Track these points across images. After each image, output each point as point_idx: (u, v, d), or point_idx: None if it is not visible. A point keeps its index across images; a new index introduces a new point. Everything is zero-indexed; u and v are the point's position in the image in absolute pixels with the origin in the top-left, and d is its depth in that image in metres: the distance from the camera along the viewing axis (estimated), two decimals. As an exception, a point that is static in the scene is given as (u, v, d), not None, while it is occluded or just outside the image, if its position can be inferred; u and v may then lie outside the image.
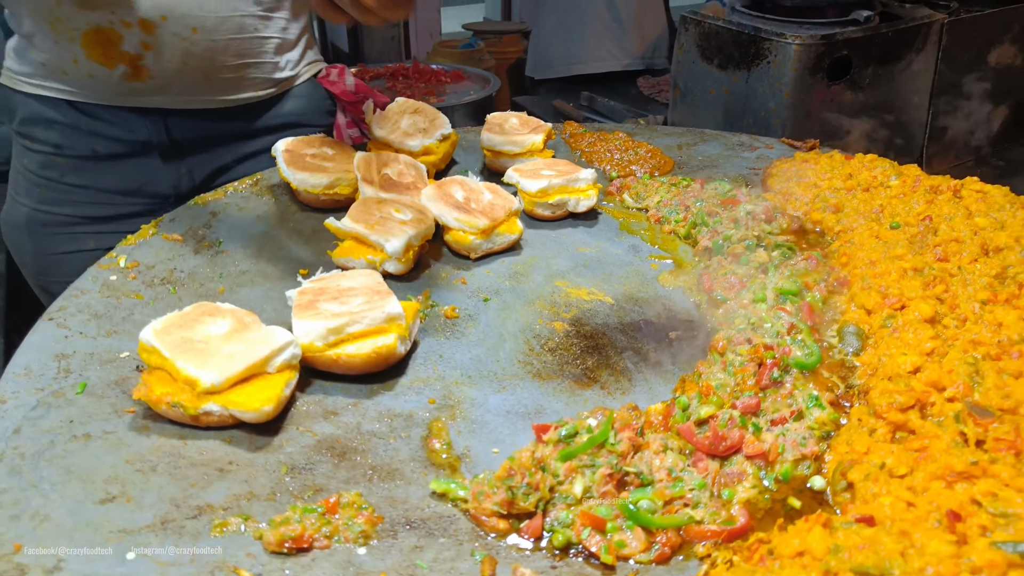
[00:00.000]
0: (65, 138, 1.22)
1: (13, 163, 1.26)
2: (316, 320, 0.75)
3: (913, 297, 0.85)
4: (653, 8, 2.66)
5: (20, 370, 0.72)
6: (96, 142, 1.20)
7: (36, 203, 1.24)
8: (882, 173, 1.11)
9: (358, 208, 0.96)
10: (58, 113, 1.18)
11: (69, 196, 1.22)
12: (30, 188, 1.25)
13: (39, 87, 1.19)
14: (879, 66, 1.63)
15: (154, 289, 0.87)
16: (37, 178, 1.25)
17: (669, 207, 1.11)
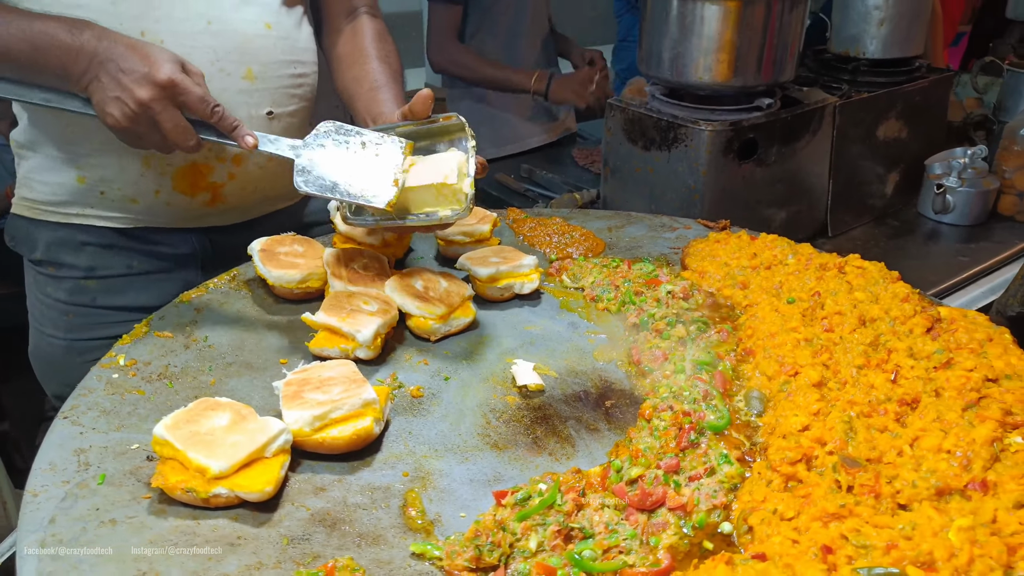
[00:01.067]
0: (97, 259, 1.28)
1: (32, 296, 1.33)
2: (303, 409, 0.88)
3: (804, 365, 1.03)
4: None
5: (46, 465, 0.82)
6: (133, 259, 1.29)
7: (66, 333, 1.30)
8: (781, 252, 1.30)
9: (330, 302, 1.10)
10: (91, 236, 1.27)
11: (102, 319, 1.30)
12: (57, 318, 1.30)
13: (77, 216, 1.26)
14: (782, 145, 1.85)
15: (152, 384, 0.99)
16: (66, 306, 1.30)
17: (602, 287, 1.27)
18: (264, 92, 1.28)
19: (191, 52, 1.16)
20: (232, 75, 1.23)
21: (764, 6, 1.71)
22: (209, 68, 1.18)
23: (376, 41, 1.43)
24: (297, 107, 1.35)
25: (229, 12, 1.23)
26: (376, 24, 1.48)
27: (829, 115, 1.94)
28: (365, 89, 1.35)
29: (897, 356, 1.02)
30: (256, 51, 1.25)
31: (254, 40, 1.25)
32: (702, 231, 1.48)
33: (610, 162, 1.98)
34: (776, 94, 1.90)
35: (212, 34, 1.21)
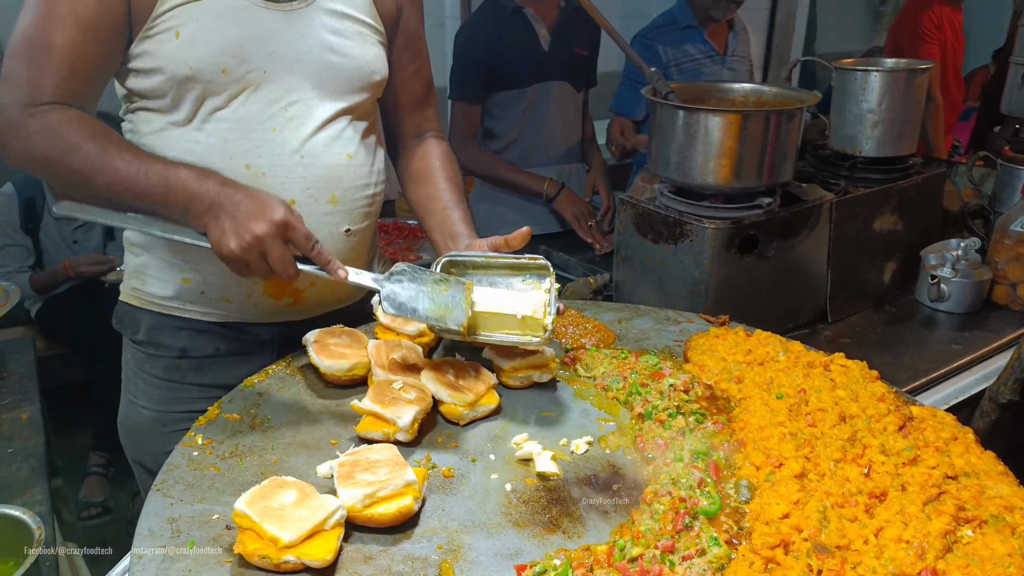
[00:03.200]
0: (191, 342, 1.50)
1: (128, 369, 1.54)
2: (355, 488, 1.04)
3: (788, 457, 1.17)
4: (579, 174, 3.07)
5: (146, 532, 0.99)
6: (220, 342, 1.51)
7: (158, 405, 1.51)
8: (773, 349, 1.46)
9: (374, 390, 1.27)
10: (188, 323, 1.49)
11: (189, 394, 1.53)
12: (151, 392, 1.52)
13: (178, 309, 1.49)
14: (782, 239, 2.02)
15: (226, 461, 1.15)
16: (160, 381, 1.51)
17: (611, 377, 1.43)
18: (343, 213, 1.49)
19: (286, 181, 1.41)
20: (318, 200, 1.45)
21: (763, 118, 1.90)
22: (300, 195, 1.42)
23: (443, 162, 1.67)
24: (369, 222, 1.58)
25: (319, 148, 1.44)
26: (442, 145, 1.71)
27: (826, 211, 2.12)
28: (439, 208, 1.60)
29: (871, 452, 1.16)
30: (339, 179, 1.47)
31: (337, 170, 1.47)
32: (703, 325, 1.64)
33: (622, 251, 2.16)
34: (776, 192, 2.08)
35: (304, 166, 1.43)
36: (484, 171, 2.82)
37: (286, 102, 1.42)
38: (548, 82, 2.80)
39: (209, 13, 1.33)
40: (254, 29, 1.36)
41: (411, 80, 1.66)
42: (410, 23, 1.60)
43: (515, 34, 2.72)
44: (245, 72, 1.37)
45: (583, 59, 2.88)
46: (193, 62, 1.33)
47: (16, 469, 1.82)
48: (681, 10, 3.13)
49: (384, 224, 2.88)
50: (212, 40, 1.33)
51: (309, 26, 1.42)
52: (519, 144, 2.83)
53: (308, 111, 1.44)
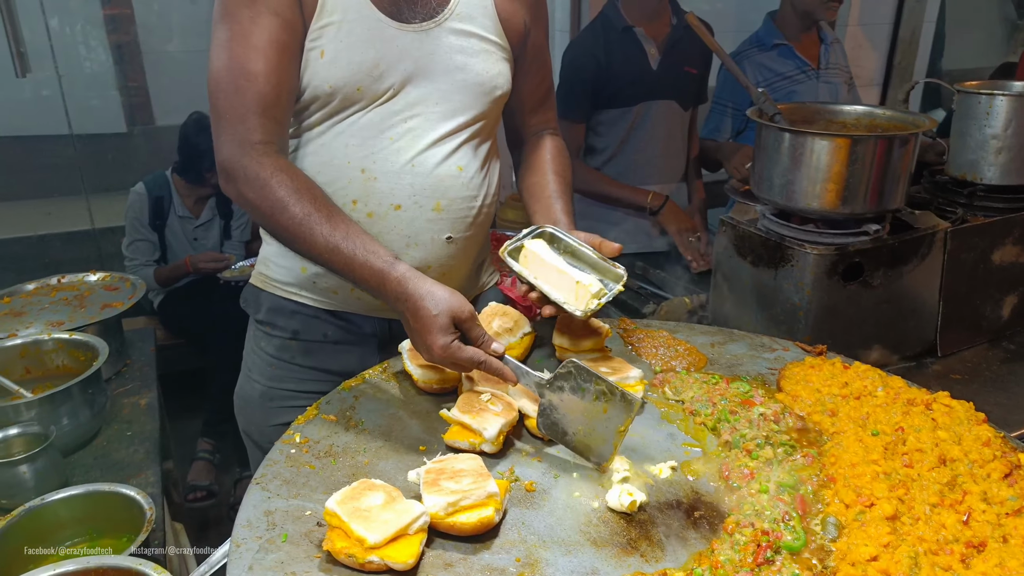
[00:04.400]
0: (303, 325, 1.63)
1: (249, 346, 1.71)
2: (439, 496, 1.08)
3: (880, 497, 1.13)
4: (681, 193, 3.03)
5: (244, 522, 1.06)
6: (329, 328, 1.63)
7: (267, 380, 1.65)
8: (871, 383, 1.41)
9: (463, 401, 1.31)
10: (301, 308, 1.63)
11: (295, 374, 1.66)
12: (263, 368, 1.67)
13: (295, 294, 1.63)
14: (889, 268, 1.94)
15: (320, 460, 1.22)
16: (271, 359, 1.66)
17: (700, 402, 1.42)
18: (447, 221, 1.56)
19: (395, 187, 1.51)
20: (423, 207, 1.53)
21: (872, 143, 1.83)
22: (406, 200, 1.52)
23: (554, 156, 1.75)
24: (473, 232, 1.64)
25: (431, 159, 1.53)
26: (556, 141, 1.80)
27: (940, 240, 2.02)
28: (544, 196, 1.65)
29: (971, 499, 1.11)
30: (445, 189, 1.54)
31: (445, 180, 1.54)
32: (799, 354, 1.60)
33: (720, 272, 2.13)
34: (886, 219, 2.00)
35: (414, 175, 1.52)
36: (585, 187, 2.84)
37: (408, 115, 1.51)
38: (655, 101, 2.78)
39: (351, 35, 1.43)
40: (389, 49, 1.46)
41: (535, 88, 1.76)
42: (537, 39, 1.70)
43: (624, 53, 2.73)
44: (378, 89, 1.47)
45: (692, 78, 2.85)
46: (334, 80, 1.44)
47: (133, 451, 1.96)
48: (767, 30, 3.06)
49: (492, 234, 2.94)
50: (351, 60, 1.43)
51: (437, 45, 1.50)
52: (620, 160, 2.83)
53: (427, 124, 1.53)
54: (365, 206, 1.52)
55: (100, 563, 1.35)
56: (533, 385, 1.28)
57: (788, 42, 3.06)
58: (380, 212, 1.52)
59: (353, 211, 1.52)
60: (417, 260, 1.56)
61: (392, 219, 1.53)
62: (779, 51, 3.05)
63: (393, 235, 1.54)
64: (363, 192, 1.51)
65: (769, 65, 3.04)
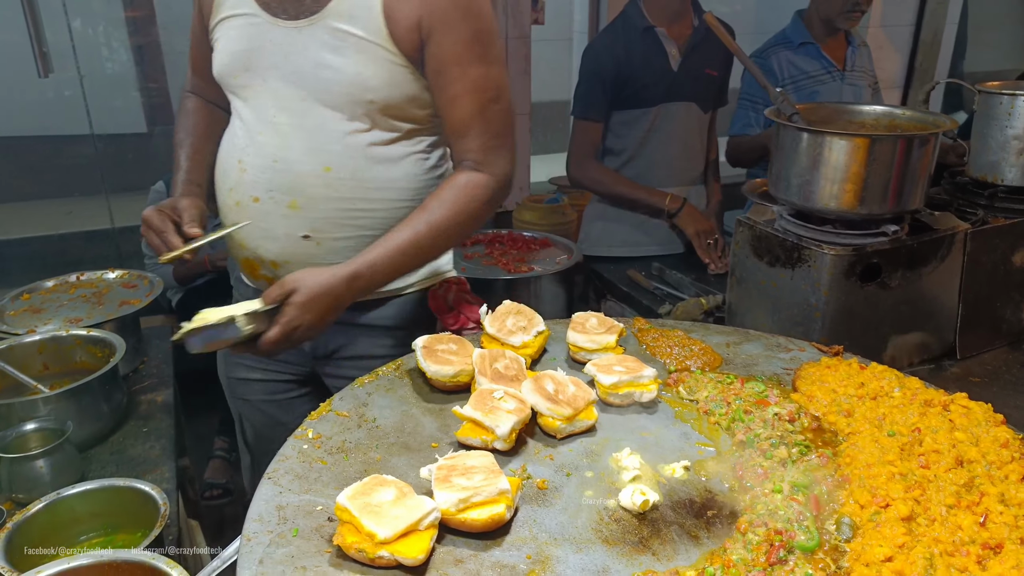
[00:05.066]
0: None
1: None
2: (450, 492, 1.08)
3: (896, 498, 1.12)
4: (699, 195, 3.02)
5: (255, 516, 1.06)
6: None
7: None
8: (888, 384, 1.39)
9: (476, 398, 1.31)
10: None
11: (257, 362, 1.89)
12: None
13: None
14: (907, 270, 1.92)
15: (333, 456, 1.22)
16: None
17: (715, 402, 1.41)
18: (304, 219, 1.60)
19: (257, 180, 1.59)
20: (279, 203, 1.59)
21: (892, 143, 1.82)
22: (263, 195, 1.60)
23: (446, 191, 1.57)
24: (348, 234, 1.62)
25: (293, 156, 1.57)
26: (466, 177, 1.59)
27: (960, 242, 1.99)
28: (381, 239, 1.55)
29: (988, 500, 1.09)
30: (304, 187, 1.58)
31: (306, 178, 1.57)
32: (815, 354, 1.58)
33: (736, 273, 2.11)
34: (905, 219, 1.98)
35: (275, 171, 1.58)
36: (602, 188, 2.83)
37: (277, 109, 1.56)
38: (674, 102, 2.77)
39: (231, 28, 1.58)
40: (263, 43, 1.54)
41: (447, 108, 1.58)
42: (441, 49, 1.51)
43: (644, 54, 2.72)
44: (250, 80, 1.57)
45: (712, 80, 2.84)
46: (218, 70, 1.61)
47: (149, 447, 1.98)
48: (795, 28, 3.04)
49: (499, 235, 2.93)
50: (230, 51, 1.58)
51: (309, 42, 1.51)
52: (638, 162, 2.82)
53: (294, 121, 1.56)
54: (237, 195, 1.63)
55: (114, 557, 1.36)
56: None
57: (815, 41, 3.04)
58: (244, 202, 1.62)
59: (228, 198, 1.65)
60: (273, 254, 1.64)
61: (251, 211, 1.61)
62: (806, 50, 3.03)
63: (252, 226, 1.62)
64: (237, 182, 1.63)
65: (796, 63, 3.02)
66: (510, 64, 4.21)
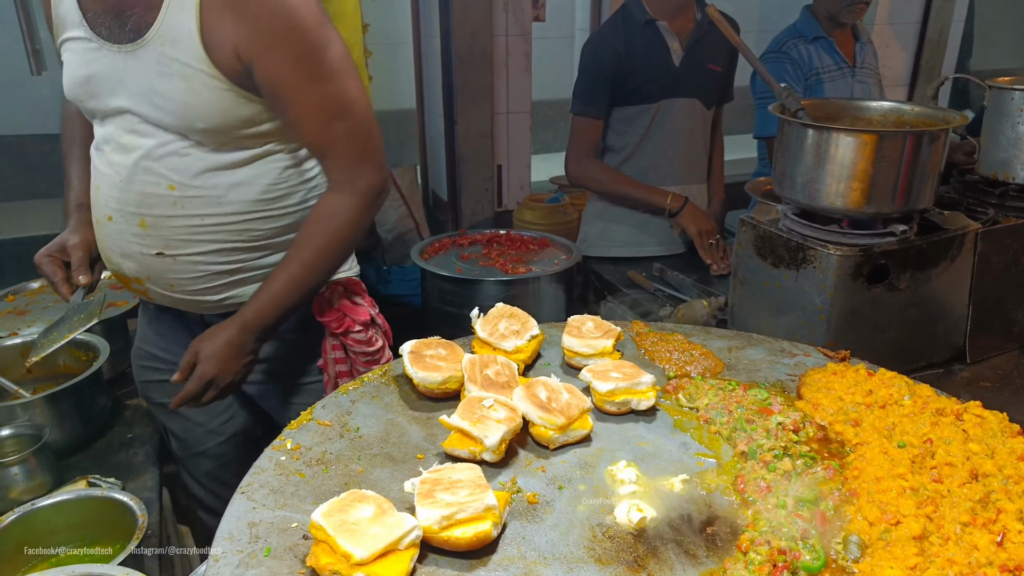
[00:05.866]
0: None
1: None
2: (433, 508, 1.02)
3: (907, 515, 1.05)
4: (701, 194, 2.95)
5: (225, 534, 1.00)
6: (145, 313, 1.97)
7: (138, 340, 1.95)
8: (897, 391, 1.32)
9: (464, 406, 1.24)
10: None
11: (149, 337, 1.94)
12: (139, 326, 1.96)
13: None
14: (916, 271, 1.85)
15: (312, 468, 1.16)
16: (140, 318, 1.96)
17: (715, 410, 1.34)
18: (156, 238, 1.60)
19: (108, 199, 1.60)
20: (129, 222, 1.60)
21: (901, 140, 1.75)
22: (115, 213, 1.60)
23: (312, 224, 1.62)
24: (203, 249, 1.63)
25: (137, 176, 1.57)
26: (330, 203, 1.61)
27: (970, 242, 1.93)
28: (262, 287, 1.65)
29: (1006, 518, 1.03)
30: (151, 206, 1.58)
31: (151, 198, 1.57)
32: (821, 360, 1.52)
33: (739, 273, 2.05)
34: (914, 219, 1.91)
35: (121, 189, 1.58)
36: (602, 187, 2.76)
37: (121, 130, 1.56)
38: (676, 99, 2.71)
39: (73, 52, 1.55)
40: (100, 68, 1.52)
41: (292, 130, 1.58)
42: (267, 74, 1.47)
43: (645, 48, 2.65)
44: (95, 104, 1.57)
45: (716, 75, 2.77)
46: (67, 92, 1.60)
47: (132, 454, 1.92)
48: (805, 22, 2.96)
49: (497, 235, 2.87)
50: (74, 74, 1.56)
51: (142, 66, 1.49)
52: (638, 159, 2.75)
53: (137, 142, 1.56)
54: (96, 213, 1.65)
55: (86, 571, 1.31)
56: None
57: (827, 35, 2.97)
58: (99, 220, 1.64)
59: (93, 216, 1.67)
60: (134, 271, 1.66)
61: (107, 228, 1.63)
62: (820, 44, 2.96)
63: (108, 243, 1.65)
64: (94, 199, 1.65)
65: (810, 58, 2.94)
66: (510, 61, 4.15)
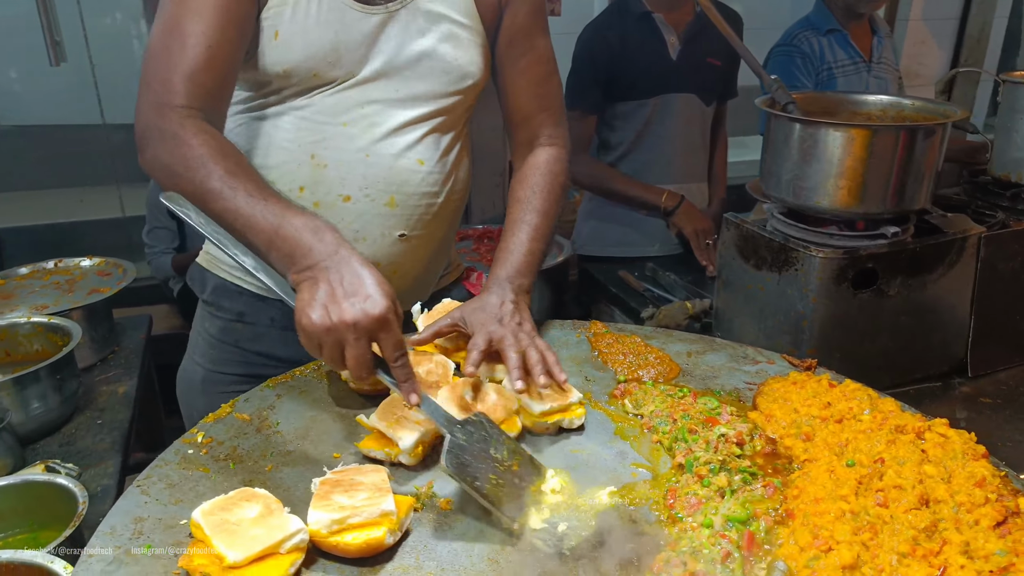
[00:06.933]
0: (248, 307, 1.52)
1: (195, 327, 1.62)
2: (325, 512, 0.96)
3: (841, 541, 0.96)
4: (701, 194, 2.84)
5: (108, 529, 0.96)
6: (275, 312, 1.52)
7: (210, 363, 1.54)
8: (858, 405, 1.23)
9: (384, 406, 1.18)
10: (246, 291, 1.52)
11: (239, 358, 1.55)
12: (206, 350, 1.57)
13: (235, 277, 1.53)
14: (908, 276, 1.73)
15: (219, 463, 1.11)
16: (215, 340, 1.55)
17: (660, 418, 1.26)
18: (400, 217, 1.45)
19: (346, 177, 1.39)
20: (376, 201, 1.42)
21: (893, 135, 1.64)
22: (357, 192, 1.40)
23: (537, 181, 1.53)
24: (430, 230, 1.51)
25: (387, 150, 1.41)
26: (552, 153, 1.58)
27: (972, 246, 1.80)
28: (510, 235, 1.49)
29: (950, 550, 0.93)
30: (402, 183, 1.42)
31: (402, 174, 1.42)
32: (785, 368, 1.42)
33: (723, 275, 1.95)
34: (910, 220, 1.79)
35: (367, 164, 1.40)
36: (595, 183, 2.68)
37: (365, 100, 1.39)
38: (673, 94, 2.61)
39: (308, 16, 1.32)
40: (350, 34, 1.35)
41: (514, 82, 1.55)
42: (517, 17, 1.50)
43: (641, 41, 2.56)
44: (336, 74, 1.36)
45: (715, 70, 2.66)
46: (288, 64, 1.34)
47: (99, 440, 1.91)
48: (819, 13, 2.83)
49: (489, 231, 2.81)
50: (308, 43, 1.33)
51: (404, 29, 1.39)
52: (634, 157, 2.66)
53: (386, 112, 1.41)
54: (312, 194, 1.41)
55: (10, 558, 1.28)
56: (443, 420, 1.10)
57: (842, 28, 2.83)
58: (327, 202, 1.41)
59: (299, 198, 1.40)
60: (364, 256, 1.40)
61: (340, 211, 1.41)
62: (834, 37, 2.83)
63: (340, 228, 1.29)
64: (311, 179, 1.40)
65: (823, 52, 2.81)
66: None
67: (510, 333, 1.32)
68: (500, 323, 1.34)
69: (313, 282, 1.10)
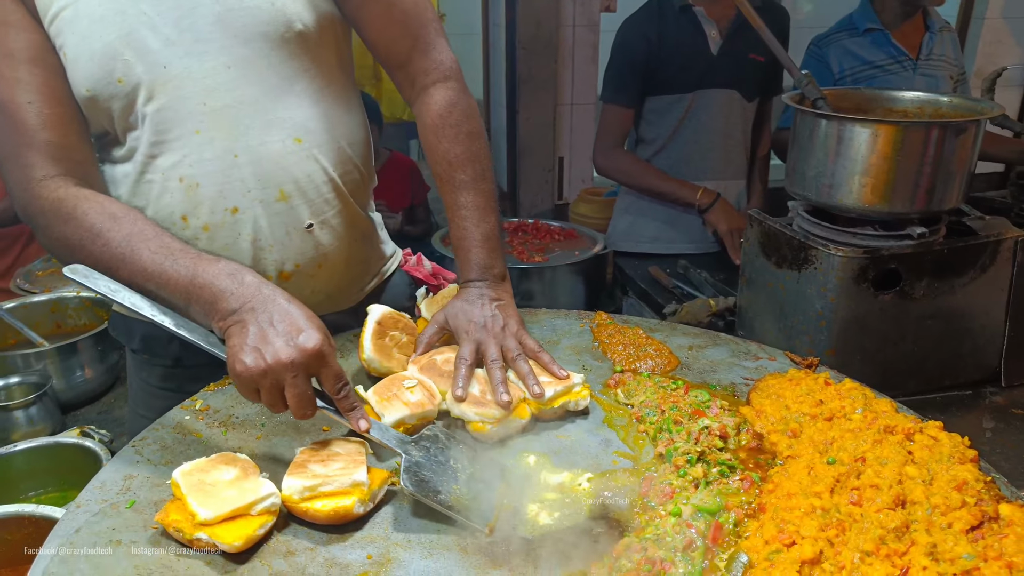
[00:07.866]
0: (185, 351, 1.35)
1: (130, 377, 1.54)
2: (299, 479, 1.00)
3: (805, 537, 0.95)
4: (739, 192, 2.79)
5: (98, 483, 1.03)
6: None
7: (156, 414, 1.24)
8: (851, 404, 1.20)
9: (383, 383, 1.22)
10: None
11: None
12: (149, 400, 1.43)
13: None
14: (935, 279, 1.67)
15: (212, 430, 1.17)
16: (157, 390, 1.43)
17: (649, 408, 1.26)
18: (300, 207, 1.31)
19: (223, 188, 1.24)
20: (265, 201, 1.27)
21: (922, 131, 1.59)
22: (241, 200, 1.26)
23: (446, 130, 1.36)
24: (346, 208, 1.38)
25: (253, 140, 1.25)
26: (439, 108, 1.37)
27: (1007, 250, 1.73)
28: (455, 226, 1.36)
29: (916, 551, 0.91)
30: (285, 170, 1.28)
31: (281, 160, 1.27)
32: (786, 365, 1.40)
33: (746, 273, 1.93)
34: (941, 220, 1.74)
35: (239, 166, 1.24)
36: (629, 179, 2.66)
37: (202, 92, 1.21)
38: (713, 89, 2.57)
39: (84, 18, 1.16)
40: (135, 18, 1.17)
41: (368, 8, 1.33)
42: None
43: (680, 35, 2.53)
44: (143, 72, 1.19)
45: (758, 66, 2.61)
46: (87, 82, 1.18)
47: (135, 410, 2.01)
48: (863, 14, 2.74)
49: (524, 224, 2.83)
50: (93, 49, 1.16)
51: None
52: (671, 152, 2.63)
53: (229, 97, 1.23)
54: (197, 219, 1.26)
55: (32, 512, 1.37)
56: (395, 441, 1.09)
57: (885, 28, 2.75)
58: (216, 222, 1.26)
59: (185, 229, 1.26)
60: (277, 263, 1.31)
61: (234, 225, 1.27)
62: (872, 37, 2.75)
63: (241, 243, 1.28)
64: (189, 204, 1.25)
65: (856, 52, 2.73)
66: (576, 51, 4.07)
67: (494, 344, 1.27)
68: (484, 328, 1.29)
69: (241, 326, 1.04)
